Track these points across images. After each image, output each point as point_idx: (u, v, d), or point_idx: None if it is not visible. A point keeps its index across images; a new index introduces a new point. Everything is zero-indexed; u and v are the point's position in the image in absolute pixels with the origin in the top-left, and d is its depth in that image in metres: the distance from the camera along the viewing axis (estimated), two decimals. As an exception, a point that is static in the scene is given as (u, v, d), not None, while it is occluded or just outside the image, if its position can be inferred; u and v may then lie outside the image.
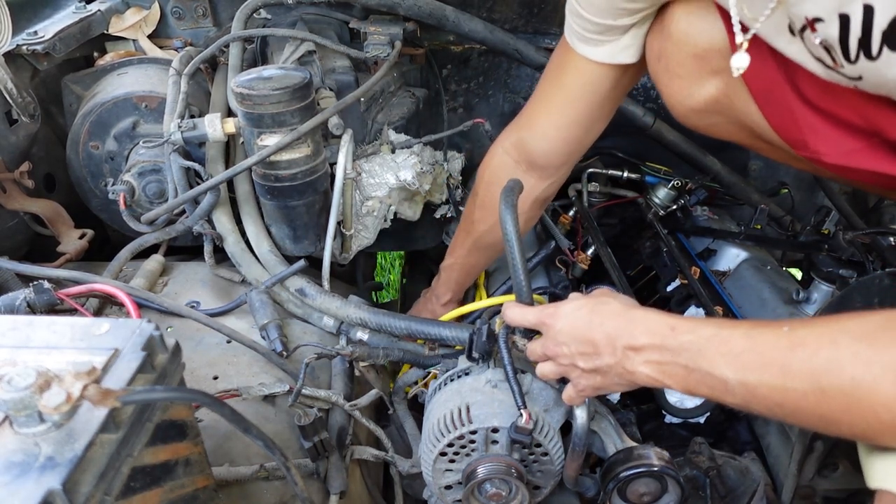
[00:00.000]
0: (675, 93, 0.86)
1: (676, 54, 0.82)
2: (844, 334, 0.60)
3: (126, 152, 1.33)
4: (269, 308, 1.12)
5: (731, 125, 0.86)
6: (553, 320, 0.84)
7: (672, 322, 0.74)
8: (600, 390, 0.84)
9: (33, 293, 0.99)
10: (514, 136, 1.12)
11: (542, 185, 1.14)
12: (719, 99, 0.82)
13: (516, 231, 0.89)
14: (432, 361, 1.12)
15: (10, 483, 0.45)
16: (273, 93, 1.09)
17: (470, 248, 1.25)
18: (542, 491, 0.97)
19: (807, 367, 0.61)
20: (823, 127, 0.73)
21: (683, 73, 0.83)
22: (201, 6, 1.52)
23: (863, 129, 0.71)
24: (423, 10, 1.38)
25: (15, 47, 1.29)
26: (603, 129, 1.07)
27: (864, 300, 0.92)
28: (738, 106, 0.81)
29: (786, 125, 0.77)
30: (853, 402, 0.58)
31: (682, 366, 0.71)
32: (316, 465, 0.93)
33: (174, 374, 0.62)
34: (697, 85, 0.83)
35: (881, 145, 0.71)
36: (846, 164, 0.74)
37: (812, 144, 0.75)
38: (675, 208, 1.54)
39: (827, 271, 1.23)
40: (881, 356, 0.57)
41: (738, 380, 0.66)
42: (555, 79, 1.02)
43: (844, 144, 0.73)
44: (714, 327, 0.70)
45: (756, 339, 0.66)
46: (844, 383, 0.58)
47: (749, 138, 0.86)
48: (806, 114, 0.74)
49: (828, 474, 1.03)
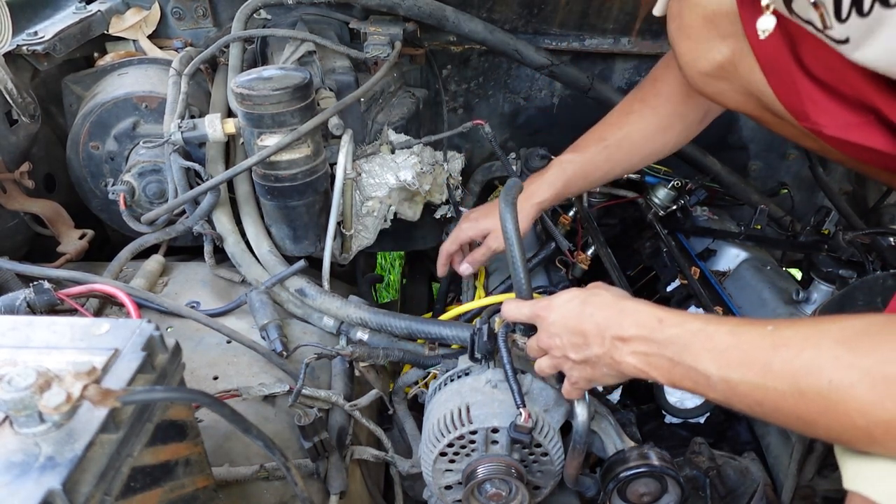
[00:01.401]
0: (685, 53, 0.87)
1: (689, 16, 0.83)
2: (827, 337, 0.61)
3: (126, 152, 1.33)
4: (269, 308, 1.12)
5: (738, 94, 0.86)
6: (546, 312, 0.86)
7: (661, 315, 0.75)
8: (593, 382, 0.86)
9: (33, 293, 0.99)
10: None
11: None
12: (726, 65, 0.83)
13: (516, 230, 0.89)
14: (432, 361, 1.12)
15: (10, 483, 0.45)
16: (273, 93, 1.09)
17: (601, 149, 1.15)
18: (542, 491, 0.97)
19: (788, 367, 0.61)
20: (823, 99, 0.74)
21: (694, 36, 0.84)
22: (201, 6, 1.52)
23: (861, 105, 0.72)
24: (423, 10, 1.38)
25: (15, 47, 1.29)
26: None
27: (866, 300, 0.92)
28: (744, 73, 0.82)
29: (789, 94, 0.78)
30: (830, 405, 0.58)
31: (667, 358, 0.72)
32: (316, 465, 0.93)
33: (174, 374, 0.62)
34: (707, 48, 0.83)
35: (878, 123, 0.72)
36: (844, 138, 0.74)
37: (812, 115, 0.76)
38: (675, 208, 1.54)
39: (827, 271, 1.23)
40: (860, 361, 0.57)
41: (720, 376, 0.67)
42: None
43: (843, 118, 0.74)
44: (701, 322, 0.71)
45: (740, 336, 0.67)
46: (822, 386, 0.59)
47: (756, 108, 0.86)
48: (807, 85, 0.75)
49: (828, 474, 1.04)
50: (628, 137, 1.14)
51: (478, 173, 1.68)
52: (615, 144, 1.15)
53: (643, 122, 1.13)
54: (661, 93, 1.12)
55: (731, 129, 1.70)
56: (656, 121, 1.13)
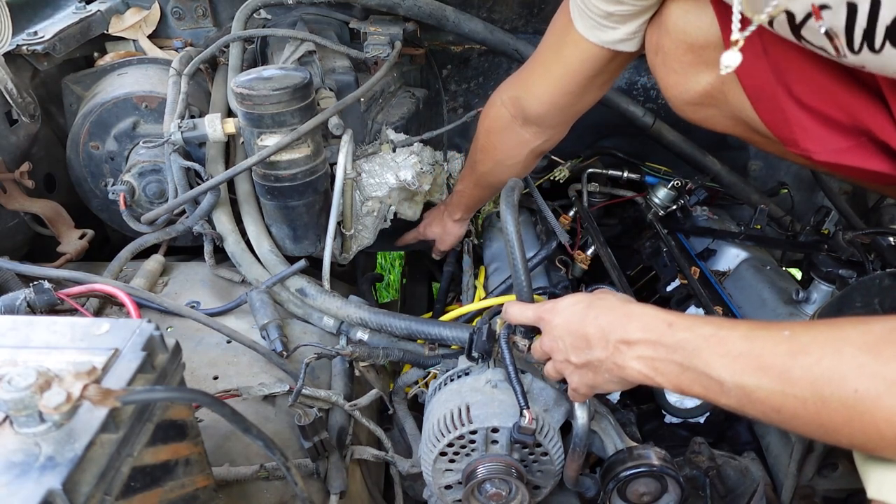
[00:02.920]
0: (671, 86, 0.87)
1: (672, 48, 0.83)
2: (848, 344, 0.59)
3: (126, 152, 1.33)
4: (270, 308, 1.12)
5: (726, 119, 0.86)
6: (550, 315, 0.84)
7: (669, 318, 0.73)
8: (595, 388, 0.83)
9: (33, 293, 0.99)
10: (511, 92, 1.17)
11: (537, 139, 1.20)
12: (713, 93, 0.83)
13: (517, 231, 0.89)
14: (432, 361, 1.12)
15: (10, 483, 0.45)
16: (273, 93, 1.09)
17: (474, 183, 1.36)
18: (542, 491, 0.97)
19: (808, 374, 0.60)
20: (813, 125, 0.74)
21: (679, 68, 0.84)
22: (201, 6, 1.52)
23: (852, 128, 0.71)
24: (423, 10, 1.38)
25: (15, 47, 1.29)
26: (598, 99, 1.12)
27: (864, 300, 0.92)
28: (731, 100, 0.82)
29: (777, 122, 0.78)
30: (855, 414, 0.57)
31: (676, 363, 0.70)
32: (316, 465, 0.93)
33: (174, 374, 0.62)
34: (693, 79, 0.83)
35: (869, 144, 0.71)
36: (836, 162, 0.74)
37: (802, 142, 0.75)
38: (675, 208, 1.54)
39: (827, 271, 1.23)
40: (886, 369, 0.56)
41: (734, 382, 0.65)
42: (554, 49, 1.04)
43: (833, 143, 0.73)
44: (713, 327, 0.69)
45: (755, 341, 0.65)
46: (847, 395, 0.57)
47: (745, 132, 0.86)
48: (796, 112, 0.74)
49: (828, 474, 1.03)
50: (484, 178, 1.33)
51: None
52: (478, 183, 1.36)
53: (485, 167, 1.30)
54: (494, 146, 1.26)
55: (731, 129, 1.69)
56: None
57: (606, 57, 0.96)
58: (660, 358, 0.72)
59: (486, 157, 1.27)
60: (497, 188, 1.35)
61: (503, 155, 1.25)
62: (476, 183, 1.35)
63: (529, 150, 1.22)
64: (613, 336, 0.76)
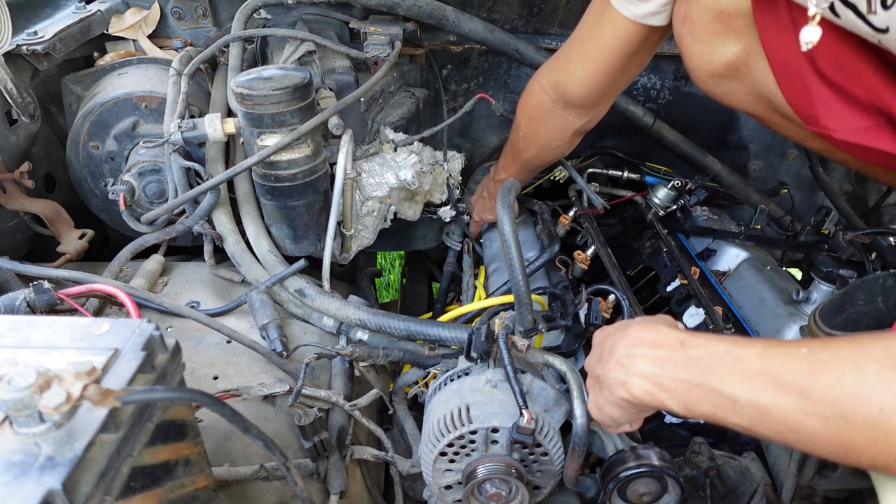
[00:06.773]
0: (696, 56, 0.87)
1: (701, 16, 0.83)
2: (871, 360, 0.57)
3: (126, 152, 1.33)
4: (269, 308, 1.12)
5: (747, 95, 0.86)
6: (598, 332, 0.86)
7: (682, 337, 0.72)
8: (602, 409, 0.82)
9: (33, 293, 0.99)
10: (550, 77, 1.20)
11: (581, 120, 1.24)
12: (738, 65, 0.82)
13: (514, 232, 0.89)
14: (432, 361, 1.12)
15: (10, 483, 0.45)
16: (273, 93, 1.09)
17: (518, 169, 1.39)
18: (542, 491, 0.97)
19: (830, 393, 0.58)
20: (835, 103, 0.73)
21: (706, 37, 0.84)
22: (201, 6, 1.52)
23: (873, 108, 0.71)
24: (423, 10, 1.38)
25: (15, 47, 1.29)
26: (635, 77, 1.16)
27: (867, 298, 0.92)
28: (755, 74, 0.81)
29: (799, 98, 0.77)
30: (880, 433, 0.55)
31: (685, 381, 0.69)
32: (316, 465, 0.93)
33: (174, 374, 0.62)
34: (719, 48, 0.83)
35: (888, 125, 0.71)
36: (855, 142, 0.73)
37: (823, 120, 0.75)
38: (675, 208, 1.54)
39: (827, 271, 1.23)
40: None
41: (749, 400, 0.63)
42: (592, 29, 1.07)
43: (854, 122, 0.73)
44: (727, 345, 0.68)
45: (773, 359, 0.63)
46: (872, 413, 0.55)
47: (765, 110, 0.86)
48: (819, 88, 0.74)
49: (828, 474, 1.03)
50: (529, 163, 1.37)
51: (478, 173, 1.68)
52: (523, 168, 1.39)
53: (529, 153, 1.34)
54: (537, 133, 1.29)
55: (731, 129, 1.70)
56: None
57: (642, 34, 0.99)
58: (666, 375, 0.70)
59: (530, 143, 1.30)
60: (541, 169, 1.44)
61: (547, 140, 1.28)
62: (521, 168, 1.39)
63: (574, 132, 1.26)
64: (622, 349, 0.75)
